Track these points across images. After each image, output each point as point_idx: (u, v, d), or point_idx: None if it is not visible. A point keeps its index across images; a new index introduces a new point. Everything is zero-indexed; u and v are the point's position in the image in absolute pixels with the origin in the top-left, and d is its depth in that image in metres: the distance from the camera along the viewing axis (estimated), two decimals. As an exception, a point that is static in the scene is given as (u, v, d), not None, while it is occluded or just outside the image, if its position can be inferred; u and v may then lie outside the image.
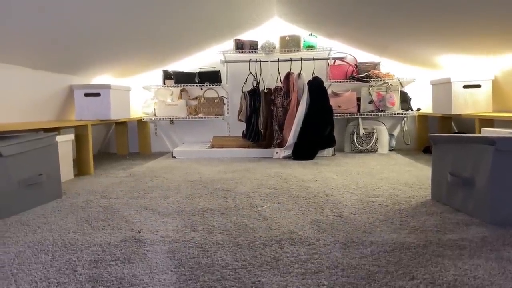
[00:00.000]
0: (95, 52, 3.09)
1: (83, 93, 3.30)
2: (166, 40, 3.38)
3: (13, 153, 1.83)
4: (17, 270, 1.18)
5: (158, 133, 4.43)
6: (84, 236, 1.48)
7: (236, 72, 4.18)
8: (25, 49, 2.56)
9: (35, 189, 1.96)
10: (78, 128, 2.94)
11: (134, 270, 1.16)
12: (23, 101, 2.91)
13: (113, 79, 4.13)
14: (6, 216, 1.77)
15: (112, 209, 1.88)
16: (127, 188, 2.36)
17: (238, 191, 2.21)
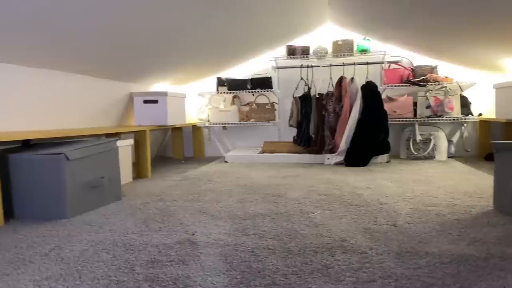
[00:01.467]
0: (153, 61, 3.24)
1: (142, 100, 3.46)
2: (220, 48, 3.47)
3: (78, 157, 1.96)
4: (81, 267, 1.27)
5: (211, 138, 4.54)
6: (141, 237, 1.56)
7: (287, 77, 4.19)
8: (90, 59, 2.73)
9: (97, 191, 2.08)
10: (137, 133, 3.09)
11: (188, 272, 1.21)
12: (87, 108, 3.11)
13: (170, 86, 4.29)
14: (72, 216, 1.89)
15: (168, 212, 1.95)
16: (182, 191, 2.44)
17: (288, 197, 2.21)
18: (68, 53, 2.50)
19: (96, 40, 2.41)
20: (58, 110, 2.80)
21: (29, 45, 2.19)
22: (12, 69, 2.41)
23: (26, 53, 2.31)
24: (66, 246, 1.47)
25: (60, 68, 2.75)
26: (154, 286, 1.11)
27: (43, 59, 2.48)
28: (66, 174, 1.87)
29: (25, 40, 2.11)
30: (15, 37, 2.05)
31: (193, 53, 3.37)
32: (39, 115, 2.63)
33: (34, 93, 2.58)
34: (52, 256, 1.37)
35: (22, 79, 2.49)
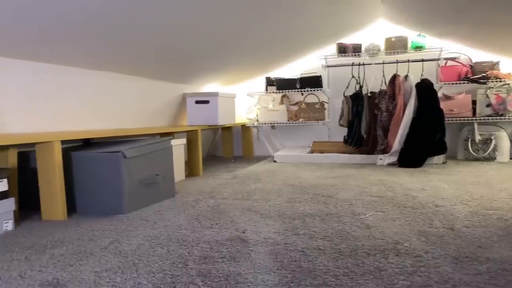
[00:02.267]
0: (205, 63, 3.32)
1: (194, 101, 3.56)
2: (270, 47, 3.48)
3: (134, 155, 2.04)
4: (138, 260, 1.32)
5: (260, 137, 4.57)
6: (194, 233, 1.60)
7: (337, 76, 4.13)
8: (146, 62, 2.84)
9: (152, 188, 2.16)
10: (189, 133, 3.17)
11: (239, 269, 1.23)
12: (143, 108, 3.24)
13: (220, 87, 4.37)
14: (129, 212, 1.98)
15: (218, 209, 1.99)
16: (232, 190, 2.48)
17: (339, 198, 2.18)
18: (126, 56, 2.61)
19: (152, 44, 2.50)
20: (116, 110, 2.94)
21: (90, 49, 2.32)
22: (75, 72, 2.56)
23: (88, 57, 2.44)
24: (124, 240, 1.54)
25: (118, 71, 2.88)
26: (206, 281, 1.14)
27: (103, 62, 2.61)
28: (124, 171, 1.96)
29: (86, 44, 2.23)
30: (78, 42, 2.17)
31: (243, 54, 3.41)
32: (99, 115, 2.78)
33: (94, 94, 2.73)
34: (111, 249, 1.44)
35: (84, 81, 2.64)
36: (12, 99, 2.15)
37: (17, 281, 1.17)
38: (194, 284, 1.12)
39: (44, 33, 1.95)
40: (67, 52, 2.27)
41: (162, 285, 1.12)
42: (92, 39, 2.18)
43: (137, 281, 1.15)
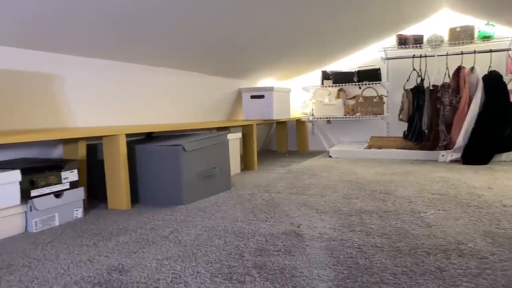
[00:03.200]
0: (260, 59, 3.34)
1: (249, 96, 3.59)
2: (326, 41, 3.43)
3: (193, 148, 2.11)
4: (196, 250, 1.37)
5: (316, 132, 4.53)
6: (250, 226, 1.63)
7: (397, 69, 3.99)
8: (204, 58, 2.92)
9: (209, 180, 2.22)
10: (244, 127, 3.22)
11: (295, 262, 1.23)
12: (201, 103, 3.33)
13: (275, 81, 4.38)
14: (188, 203, 2.05)
15: (273, 203, 2.01)
16: (287, 184, 2.48)
17: (398, 195, 2.12)
18: (185, 53, 2.70)
19: (211, 40, 2.56)
20: (176, 105, 3.04)
21: (152, 47, 2.42)
22: (139, 69, 2.69)
23: (150, 55, 2.55)
24: (183, 230, 1.60)
25: (179, 67, 2.98)
26: (262, 273, 1.16)
27: (165, 59, 2.72)
28: (183, 164, 2.03)
29: (148, 43, 2.33)
30: (141, 41, 2.28)
31: (299, 48, 3.39)
32: (161, 110, 2.89)
33: (156, 90, 2.85)
34: (171, 238, 1.50)
35: (147, 77, 2.76)
36: (82, 95, 2.30)
37: (87, 265, 1.26)
38: (250, 276, 1.14)
39: (110, 33, 2.07)
40: (131, 50, 2.38)
41: (219, 275, 1.15)
42: (154, 38, 2.27)
43: (195, 270, 1.19)
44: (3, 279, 1.15)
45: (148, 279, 1.13)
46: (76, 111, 2.28)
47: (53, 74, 2.14)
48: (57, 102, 2.17)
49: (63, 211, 1.75)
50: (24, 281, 1.13)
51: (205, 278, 1.14)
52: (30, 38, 1.91)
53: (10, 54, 1.95)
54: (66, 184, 1.77)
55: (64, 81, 2.21)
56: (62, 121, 2.20)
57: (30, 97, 2.03)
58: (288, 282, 1.09)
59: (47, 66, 2.11)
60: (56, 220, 1.72)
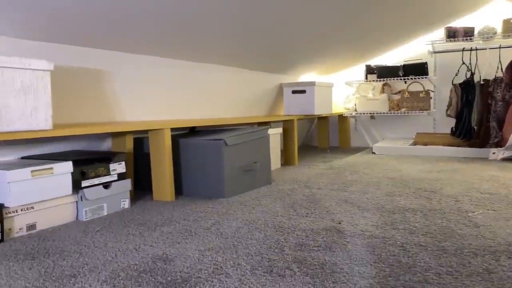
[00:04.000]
0: (302, 53, 3.32)
1: (290, 91, 3.59)
2: (370, 34, 3.36)
3: (235, 143, 2.14)
4: (237, 242, 1.39)
5: (358, 128, 4.45)
6: (290, 221, 1.63)
7: (446, 63, 3.84)
8: (246, 53, 2.94)
9: (250, 175, 2.24)
10: (285, 122, 3.22)
11: (335, 258, 1.23)
12: (243, 98, 3.36)
13: (317, 76, 4.34)
14: (229, 196, 2.09)
15: (314, 199, 2.00)
16: (328, 180, 2.46)
17: (444, 193, 2.05)
18: (229, 49, 2.73)
19: (254, 36, 2.57)
20: (218, 100, 3.09)
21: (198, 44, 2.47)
22: (184, 65, 2.75)
23: (195, 51, 2.60)
24: (224, 222, 1.63)
25: (221, 63, 3.02)
26: (302, 268, 1.16)
27: (208, 55, 2.76)
28: (225, 158, 2.06)
29: (194, 40, 2.38)
30: (187, 38, 2.33)
31: (341, 42, 3.34)
32: (203, 105, 2.95)
33: (200, 86, 2.90)
34: (213, 230, 1.53)
35: (191, 73, 2.82)
36: (129, 90, 2.39)
37: (133, 253, 1.31)
38: (290, 270, 1.15)
39: (155, 30, 2.13)
40: (176, 47, 2.44)
41: (260, 268, 1.17)
42: (198, 35, 2.32)
43: (236, 262, 1.22)
44: (56, 264, 1.22)
45: (191, 269, 1.17)
46: (124, 106, 2.37)
47: (103, 70, 2.24)
48: (107, 97, 2.26)
49: (111, 202, 1.83)
50: (75, 267, 1.20)
51: (246, 270, 1.16)
52: (83, 36, 2.01)
53: (64, 51, 2.05)
54: (114, 175, 1.85)
55: (114, 77, 2.30)
56: (111, 115, 2.29)
57: (82, 92, 2.13)
58: (328, 277, 1.09)
59: (98, 63, 2.21)
60: (105, 210, 1.81)
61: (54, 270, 1.18)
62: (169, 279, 1.10)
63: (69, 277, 1.13)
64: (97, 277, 1.12)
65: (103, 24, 1.92)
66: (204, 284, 1.06)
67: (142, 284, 1.07)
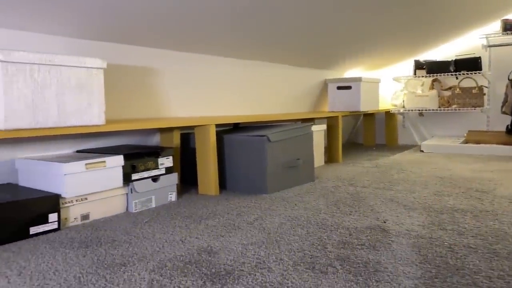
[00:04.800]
0: (348, 49, 3.27)
1: (335, 86, 3.54)
2: (420, 28, 3.25)
3: (278, 139, 2.15)
4: (280, 238, 1.41)
5: (406, 125, 4.32)
6: (333, 218, 1.62)
7: (502, 57, 3.64)
8: (290, 49, 2.94)
9: (293, 171, 2.25)
10: (330, 119, 3.18)
11: (379, 257, 1.21)
12: (286, 94, 3.36)
13: (363, 72, 4.26)
14: (271, 192, 2.10)
15: (358, 197, 1.97)
16: (373, 178, 2.42)
17: (497, 194, 1.95)
18: (272, 45, 2.74)
19: (297, 31, 2.57)
20: (262, 97, 3.11)
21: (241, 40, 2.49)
22: (228, 62, 2.79)
23: (239, 48, 2.63)
24: (267, 217, 1.65)
25: (265, 59, 3.04)
26: (345, 265, 1.16)
27: (253, 52, 2.78)
28: (268, 154, 2.08)
29: (238, 36, 2.41)
30: (230, 35, 2.36)
31: (389, 36, 3.25)
32: (247, 101, 2.98)
33: (243, 82, 2.94)
34: (256, 225, 1.56)
35: (235, 70, 2.86)
36: (177, 87, 2.46)
37: (179, 244, 1.36)
38: (333, 267, 1.15)
39: (202, 28, 2.17)
40: (221, 44, 2.48)
41: (302, 264, 1.17)
42: (243, 32, 2.34)
43: (279, 257, 1.23)
44: (108, 253, 1.29)
45: (234, 262, 1.19)
46: (172, 102, 2.44)
47: (152, 68, 2.32)
48: (156, 94, 2.35)
49: (159, 194, 1.90)
50: (125, 256, 1.26)
51: (288, 265, 1.17)
52: (133, 35, 2.09)
53: (116, 49, 2.14)
54: (162, 169, 1.92)
55: (162, 74, 2.37)
56: (159, 111, 2.37)
57: (133, 89, 2.22)
58: (371, 276, 1.08)
59: (147, 61, 2.29)
60: (153, 202, 1.88)
61: (106, 258, 1.25)
62: (213, 271, 1.13)
63: (120, 265, 1.19)
64: (145, 266, 1.18)
65: (152, 23, 1.99)
66: (247, 277, 1.09)
67: (188, 274, 1.11)
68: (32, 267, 1.18)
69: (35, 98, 1.42)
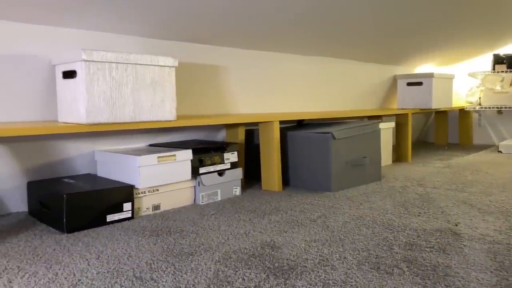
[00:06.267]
0: (418, 43, 3.12)
1: (405, 83, 3.40)
2: (499, 18, 3.02)
3: (343, 136, 2.11)
4: (344, 237, 1.39)
5: (483, 124, 4.04)
6: (400, 219, 1.57)
7: None
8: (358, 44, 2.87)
9: (358, 170, 2.20)
10: (398, 117, 3.07)
11: (449, 261, 1.15)
12: (352, 91, 3.29)
13: (435, 67, 4.04)
14: (335, 190, 2.08)
15: (428, 198, 1.89)
16: (445, 179, 2.30)
17: None
18: (338, 41, 2.70)
19: (364, 26, 2.50)
20: (326, 93, 3.07)
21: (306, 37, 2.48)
22: (292, 58, 2.79)
23: (303, 44, 2.62)
24: (331, 216, 1.63)
25: (330, 55, 3.00)
26: (412, 268, 1.12)
27: (317, 47, 2.76)
28: (332, 151, 2.05)
29: (304, 33, 2.40)
30: (295, 32, 2.36)
31: (464, 29, 3.06)
32: (311, 98, 2.96)
33: (308, 78, 2.92)
34: (319, 222, 1.55)
35: (299, 67, 2.85)
36: (242, 84, 2.51)
37: (243, 238, 1.39)
38: (399, 268, 1.11)
39: (264, 26, 2.20)
40: (285, 41, 2.49)
41: (367, 263, 1.15)
42: (307, 27, 2.33)
43: (342, 255, 1.22)
44: (177, 242, 1.36)
45: (297, 258, 1.20)
46: (238, 99, 2.49)
47: (219, 66, 2.38)
48: (222, 90, 2.41)
49: (224, 188, 1.96)
50: (193, 246, 1.32)
51: (352, 264, 1.15)
52: (202, 34, 2.16)
53: (187, 48, 2.23)
54: (228, 164, 1.97)
55: (228, 72, 2.43)
56: (225, 108, 2.44)
57: (201, 86, 2.30)
58: (440, 280, 1.03)
59: (214, 59, 2.36)
60: (219, 196, 1.94)
61: (174, 247, 1.31)
62: (276, 265, 1.15)
63: (187, 254, 1.24)
64: (211, 257, 1.22)
65: (221, 22, 2.04)
66: (310, 274, 1.09)
67: (252, 267, 1.14)
68: (108, 251, 1.27)
69: (113, 94, 1.53)
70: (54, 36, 1.78)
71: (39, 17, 1.67)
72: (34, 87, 1.74)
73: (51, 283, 1.05)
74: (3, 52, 1.65)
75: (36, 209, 1.64)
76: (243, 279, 1.06)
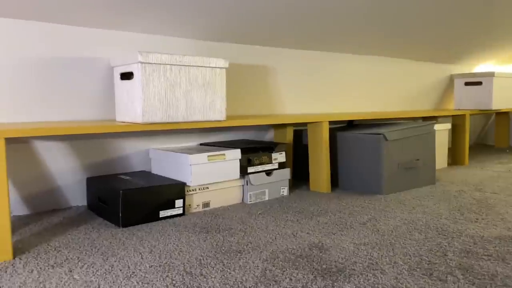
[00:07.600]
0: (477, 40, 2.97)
1: (463, 82, 3.25)
2: None
3: (395, 138, 2.05)
4: (394, 241, 1.35)
5: (550, 126, 3.77)
6: (455, 225, 1.50)
7: None
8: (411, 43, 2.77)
9: (411, 172, 2.13)
10: (455, 118, 2.93)
11: (509, 271, 1.09)
12: (406, 91, 3.18)
13: (496, 66, 3.82)
14: (386, 193, 2.02)
15: (486, 203, 1.79)
16: (505, 184, 2.17)
17: None
18: (392, 39, 2.62)
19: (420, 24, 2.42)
20: (378, 93, 3.00)
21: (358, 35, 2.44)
22: (341, 58, 2.75)
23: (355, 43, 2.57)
24: (381, 219, 1.60)
25: (383, 54, 2.92)
26: (467, 276, 1.07)
27: (369, 46, 2.70)
28: (384, 153, 2.00)
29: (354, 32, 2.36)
30: (348, 30, 2.32)
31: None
32: (362, 98, 2.90)
33: (359, 78, 2.86)
34: (369, 225, 1.52)
35: (350, 66, 2.80)
36: (290, 84, 2.51)
37: (291, 238, 1.39)
38: (453, 276, 1.07)
39: (312, 25, 2.18)
40: (336, 40, 2.46)
41: (418, 269, 1.12)
42: (359, 27, 2.28)
43: (393, 260, 1.18)
44: (225, 239, 1.38)
45: (346, 260, 1.18)
46: (285, 99, 2.50)
47: (267, 66, 2.40)
48: (270, 91, 2.42)
49: (272, 188, 1.97)
50: (241, 244, 1.34)
51: (403, 269, 1.12)
52: (251, 36, 2.18)
53: (237, 50, 2.27)
54: (276, 164, 1.98)
55: (276, 72, 2.44)
56: (273, 108, 2.45)
57: (250, 87, 2.33)
58: (499, 291, 0.98)
59: (263, 59, 2.38)
60: (266, 195, 1.95)
61: (223, 244, 1.34)
62: (324, 267, 1.14)
63: (236, 252, 1.26)
64: (259, 255, 1.23)
65: (271, 23, 2.06)
66: (359, 277, 1.07)
67: (299, 268, 1.14)
68: (161, 246, 1.32)
69: (167, 95, 1.58)
70: (113, 39, 1.87)
71: (100, 21, 1.77)
72: (94, 88, 1.84)
73: (107, 274, 1.11)
74: (66, 55, 1.76)
75: (94, 204, 1.74)
76: (290, 279, 1.06)
